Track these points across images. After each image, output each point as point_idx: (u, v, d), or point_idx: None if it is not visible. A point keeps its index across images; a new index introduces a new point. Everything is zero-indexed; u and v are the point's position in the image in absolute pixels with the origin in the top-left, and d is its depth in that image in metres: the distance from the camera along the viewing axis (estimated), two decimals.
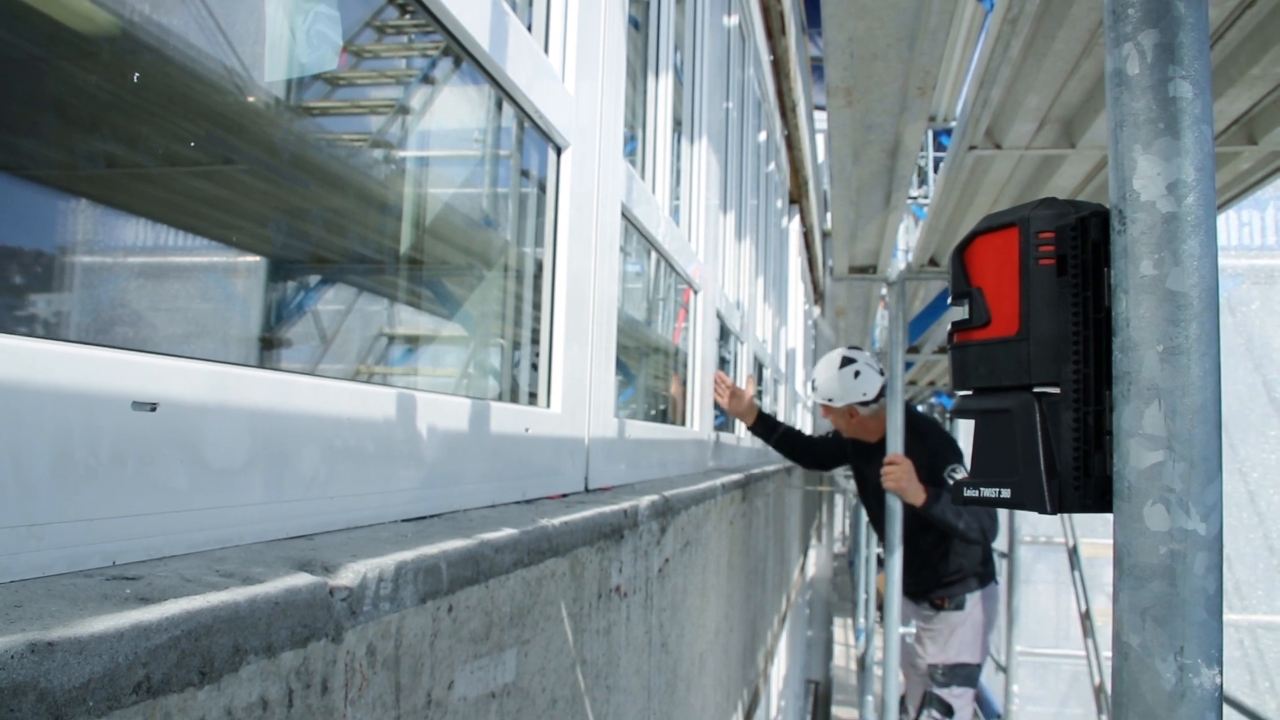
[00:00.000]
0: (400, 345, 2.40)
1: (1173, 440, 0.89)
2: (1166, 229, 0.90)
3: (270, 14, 1.57)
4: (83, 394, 0.77)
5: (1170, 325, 0.89)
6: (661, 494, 2.21)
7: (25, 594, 0.66)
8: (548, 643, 1.44)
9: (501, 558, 1.22)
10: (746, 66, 5.53)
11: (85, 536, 0.77)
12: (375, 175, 2.17)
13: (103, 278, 1.38)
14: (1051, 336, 1.02)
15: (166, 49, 1.31)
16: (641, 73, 3.40)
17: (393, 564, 0.94)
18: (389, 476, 1.25)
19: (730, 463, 4.72)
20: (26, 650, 0.55)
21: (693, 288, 3.93)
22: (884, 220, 5.73)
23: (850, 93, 3.64)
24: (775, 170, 7.62)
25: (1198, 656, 0.89)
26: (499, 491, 1.62)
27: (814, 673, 13.32)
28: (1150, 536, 0.91)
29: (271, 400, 1.01)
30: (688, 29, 3.94)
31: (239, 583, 0.75)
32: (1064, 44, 3.52)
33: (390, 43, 2.38)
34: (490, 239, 2.50)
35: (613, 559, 1.80)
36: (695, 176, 3.96)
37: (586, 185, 2.12)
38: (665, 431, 3.19)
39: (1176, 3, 0.90)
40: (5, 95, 1.10)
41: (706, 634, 3.07)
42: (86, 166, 1.26)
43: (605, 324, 2.27)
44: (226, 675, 0.70)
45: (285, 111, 1.76)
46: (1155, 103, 0.91)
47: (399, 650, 0.96)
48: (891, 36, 3.28)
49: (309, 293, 1.98)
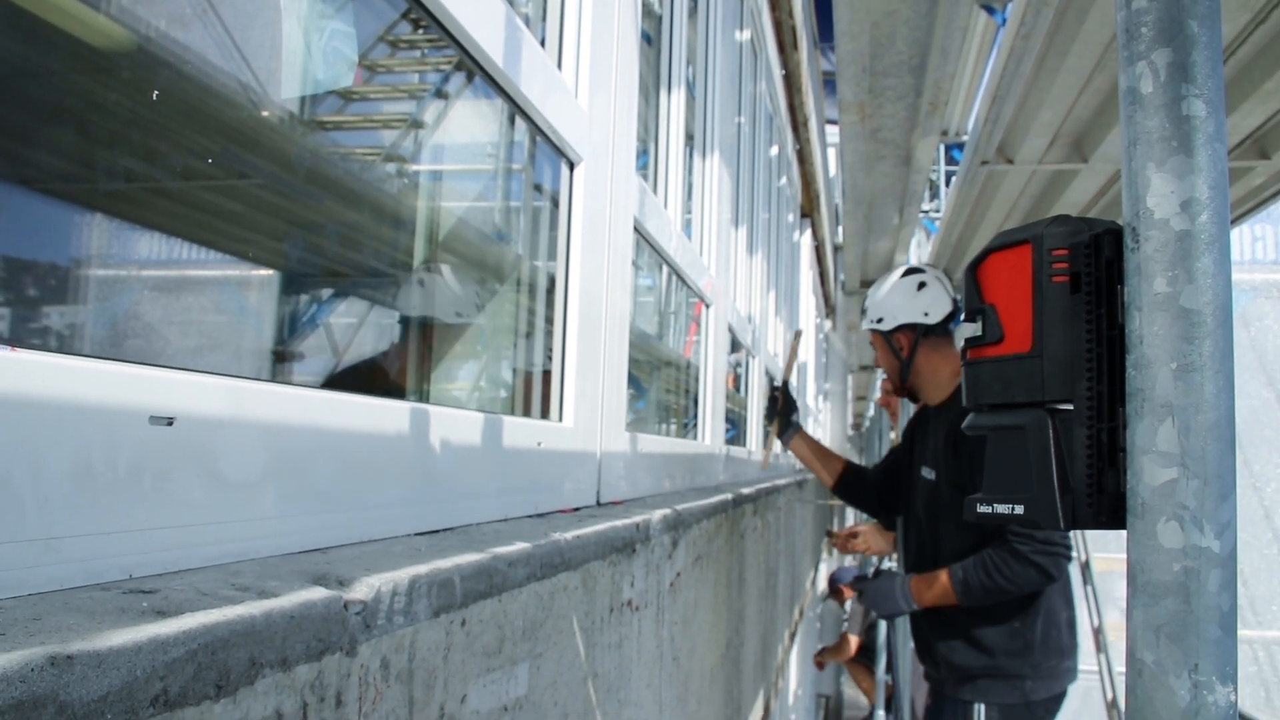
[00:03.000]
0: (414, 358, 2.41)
1: (1186, 457, 0.89)
2: (1180, 247, 0.90)
3: (287, 31, 1.59)
4: (101, 408, 0.77)
5: (1184, 343, 0.90)
6: (674, 508, 2.21)
7: (44, 607, 0.66)
8: (560, 656, 1.44)
9: (514, 572, 1.23)
10: (758, 81, 5.54)
11: (103, 550, 0.77)
12: (388, 189, 2.18)
13: (118, 291, 1.39)
14: (1065, 353, 1.02)
15: (183, 65, 1.32)
16: (654, 87, 3.42)
17: (406, 578, 0.94)
18: (402, 490, 1.26)
19: (742, 476, 4.71)
20: (46, 663, 0.55)
21: (704, 301, 3.93)
22: (896, 235, 5.74)
23: (862, 108, 3.65)
24: (787, 184, 7.62)
25: (1212, 674, 0.89)
26: (511, 505, 1.62)
27: (825, 687, 13.25)
28: (1164, 554, 0.91)
29: (286, 414, 1.02)
30: (700, 44, 3.95)
31: (254, 596, 0.76)
32: (1076, 59, 3.53)
33: (404, 57, 2.39)
34: (503, 253, 2.51)
35: (625, 573, 1.80)
36: (707, 191, 3.96)
37: (599, 200, 2.13)
38: (677, 445, 3.19)
39: (1189, 22, 0.91)
40: (24, 110, 1.11)
41: (718, 648, 3.06)
42: (104, 181, 1.27)
43: (617, 338, 2.28)
44: (242, 689, 0.71)
45: (300, 126, 1.77)
46: (1168, 121, 0.91)
47: (413, 664, 0.97)
48: (904, 53, 3.30)
49: (322, 306, 1.99)
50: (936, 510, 3.23)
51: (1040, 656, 3.14)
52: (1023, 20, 3.34)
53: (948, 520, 3.17)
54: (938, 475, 3.21)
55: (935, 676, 3.40)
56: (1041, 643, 3.14)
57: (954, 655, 3.22)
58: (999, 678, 3.16)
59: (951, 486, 3.14)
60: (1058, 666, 3.21)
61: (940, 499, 3.20)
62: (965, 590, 3.00)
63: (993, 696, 3.17)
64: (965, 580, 3.00)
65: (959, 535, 3.12)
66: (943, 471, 3.19)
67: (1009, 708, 3.16)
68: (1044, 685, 3.17)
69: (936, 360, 3.29)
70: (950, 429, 3.14)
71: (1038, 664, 3.15)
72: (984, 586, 2.96)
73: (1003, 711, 3.16)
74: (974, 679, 3.20)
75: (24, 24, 1.07)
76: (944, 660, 3.27)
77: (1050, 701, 3.23)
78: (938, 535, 3.22)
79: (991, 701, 3.17)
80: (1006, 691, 3.16)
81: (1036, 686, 3.16)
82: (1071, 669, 3.31)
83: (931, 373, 3.31)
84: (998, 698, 3.16)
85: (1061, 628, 3.24)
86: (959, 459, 3.09)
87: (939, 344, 3.30)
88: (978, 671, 3.18)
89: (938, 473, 3.21)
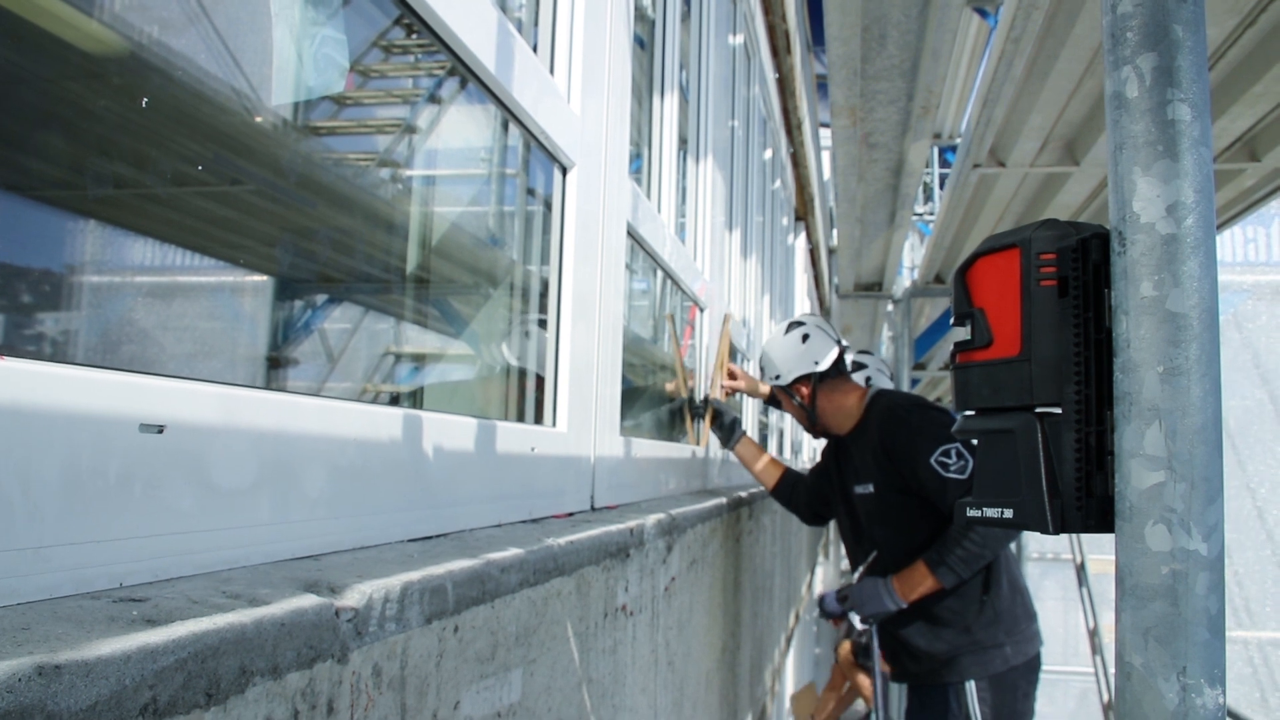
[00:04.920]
0: (406, 364, 2.41)
1: (1174, 460, 0.90)
2: (1166, 251, 0.91)
3: (278, 37, 1.59)
4: (91, 416, 0.77)
5: (1171, 346, 0.90)
6: (668, 512, 2.21)
7: (32, 616, 0.67)
8: (554, 662, 1.44)
9: (507, 578, 1.23)
10: (752, 84, 5.55)
11: (93, 558, 0.77)
12: (381, 194, 2.18)
13: (110, 297, 1.39)
14: (1053, 357, 1.02)
15: (175, 71, 1.32)
16: (647, 91, 3.42)
17: (399, 585, 0.94)
18: (395, 496, 1.26)
19: (737, 480, 4.71)
20: (34, 673, 0.55)
21: (698, 305, 3.94)
22: (889, 238, 5.76)
23: (854, 112, 3.66)
24: (781, 187, 7.63)
25: (1200, 676, 0.89)
26: (505, 511, 1.62)
27: None
28: (1152, 557, 0.91)
29: (278, 421, 1.02)
30: (693, 47, 3.96)
31: (245, 604, 0.76)
32: (1067, 63, 3.54)
33: (397, 62, 2.39)
34: (496, 258, 2.51)
35: (619, 578, 1.80)
36: (701, 194, 3.97)
37: (592, 204, 2.13)
38: (671, 449, 3.19)
39: (1175, 26, 0.91)
40: (15, 116, 1.11)
41: (713, 652, 3.07)
42: (96, 187, 1.27)
43: (611, 342, 2.28)
44: (233, 697, 0.71)
45: (292, 132, 1.77)
46: (1154, 125, 0.92)
47: (405, 671, 0.97)
48: (895, 56, 3.30)
49: (315, 311, 1.99)
50: (884, 517, 3.35)
51: (1011, 622, 3.30)
52: (1013, 24, 3.36)
53: (897, 522, 3.31)
54: (876, 487, 3.35)
55: (914, 671, 3.48)
56: (1009, 609, 3.30)
57: (934, 644, 3.32)
58: (980, 651, 3.28)
59: (893, 491, 3.29)
60: (1028, 629, 3.38)
61: (886, 505, 3.33)
62: (945, 569, 3.09)
63: (979, 671, 3.28)
64: (942, 560, 3.09)
65: (913, 533, 3.25)
66: (880, 482, 3.32)
67: (997, 677, 3.27)
68: (1021, 650, 3.32)
69: (837, 398, 3.47)
70: (874, 445, 3.31)
71: (1011, 629, 3.30)
72: (961, 559, 3.07)
73: (992, 683, 3.28)
74: (956, 659, 3.31)
75: (16, 29, 1.07)
76: (923, 652, 3.36)
77: (1029, 665, 3.37)
78: (892, 539, 3.33)
79: (980, 676, 3.28)
80: (990, 662, 3.28)
81: (1015, 652, 3.31)
82: (1039, 632, 3.47)
83: (835, 410, 3.48)
84: (984, 671, 3.28)
85: (1022, 592, 3.41)
86: (892, 463, 3.23)
87: (836, 385, 3.47)
88: (959, 650, 3.29)
89: (875, 484, 3.35)
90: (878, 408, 3.39)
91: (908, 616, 3.30)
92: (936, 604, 3.26)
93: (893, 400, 3.42)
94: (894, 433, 3.23)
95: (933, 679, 3.39)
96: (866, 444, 3.36)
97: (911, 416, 3.24)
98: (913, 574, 3.17)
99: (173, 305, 1.60)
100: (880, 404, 3.41)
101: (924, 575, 3.13)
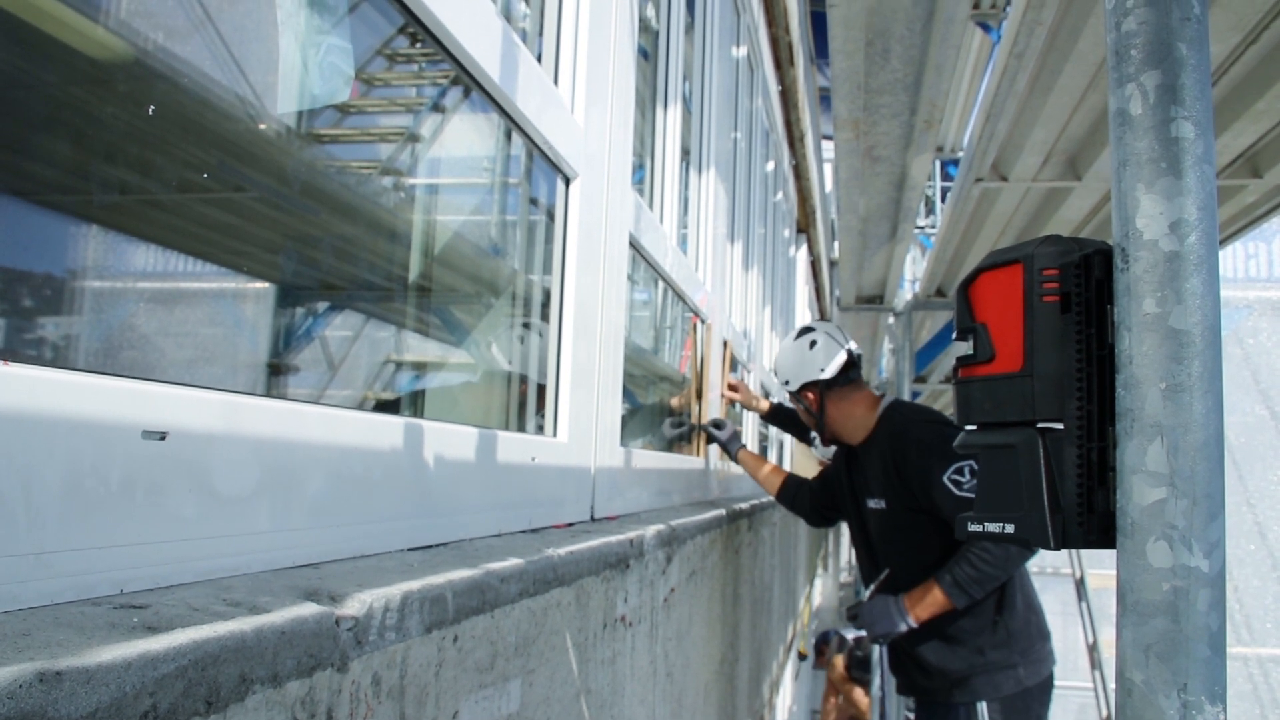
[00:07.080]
0: (408, 372, 2.41)
1: (1175, 477, 0.90)
2: (1169, 267, 0.91)
3: (284, 45, 1.59)
4: (93, 423, 0.77)
5: (1173, 363, 0.90)
6: (668, 523, 2.21)
7: (34, 622, 0.66)
8: (553, 673, 1.44)
9: (507, 587, 1.23)
10: (755, 97, 5.56)
11: (94, 565, 0.77)
12: (384, 203, 2.18)
13: (113, 303, 1.39)
14: (1055, 373, 1.02)
15: (181, 78, 1.33)
16: (650, 102, 3.43)
17: (399, 594, 0.94)
18: (395, 505, 1.26)
19: (736, 492, 4.71)
20: (35, 679, 0.55)
21: (700, 317, 3.94)
22: (891, 251, 5.75)
23: (857, 125, 3.67)
24: (783, 199, 7.64)
25: (1201, 693, 0.89)
26: (505, 520, 1.62)
27: (819, 703, 13.21)
28: (1153, 573, 0.91)
29: (279, 429, 1.02)
30: (696, 59, 3.97)
31: (246, 612, 0.76)
32: (1069, 78, 3.54)
33: (401, 70, 2.40)
34: (498, 267, 2.51)
35: (618, 588, 1.80)
36: (703, 206, 3.97)
37: (594, 214, 2.13)
38: (671, 460, 3.19)
39: (1178, 44, 0.91)
40: (20, 121, 1.11)
41: (712, 664, 3.06)
42: (100, 193, 1.27)
43: (612, 353, 2.28)
44: (233, 705, 0.71)
45: (296, 139, 1.77)
46: (1158, 143, 0.92)
47: (404, 680, 0.96)
48: (899, 70, 3.31)
49: (317, 319, 1.99)
50: (897, 535, 3.31)
51: (1025, 642, 3.22)
52: (1016, 39, 3.36)
53: (910, 540, 3.27)
54: (889, 503, 3.30)
55: (924, 685, 3.43)
56: (1023, 629, 3.23)
57: (945, 661, 3.28)
58: (992, 672, 3.22)
59: (906, 509, 3.22)
60: (1042, 649, 3.30)
61: (898, 522, 3.28)
62: (957, 590, 3.04)
63: (991, 692, 3.21)
64: (955, 581, 3.04)
65: (926, 551, 3.20)
66: (892, 499, 3.27)
67: (1009, 699, 3.21)
68: (1034, 670, 3.25)
69: (846, 407, 3.43)
70: (886, 459, 3.25)
71: (1025, 650, 3.23)
72: (974, 579, 3.02)
73: (1004, 704, 3.21)
74: (968, 679, 3.24)
75: (21, 35, 1.08)
76: (934, 668, 3.31)
77: (1042, 686, 3.30)
78: (905, 556, 3.29)
79: (992, 697, 3.21)
80: (1003, 684, 3.21)
81: (1028, 673, 3.23)
82: (1052, 652, 3.39)
83: (845, 418, 3.44)
84: (996, 692, 3.21)
85: (1037, 612, 3.35)
86: (904, 482, 3.19)
87: (844, 393, 3.43)
88: (971, 671, 3.24)
89: (888, 500, 3.30)
90: (890, 421, 3.34)
91: (919, 634, 3.24)
92: (949, 623, 3.20)
93: (905, 414, 3.37)
94: (905, 451, 3.18)
95: (944, 697, 3.34)
96: (878, 458, 3.31)
97: (924, 434, 3.17)
98: (924, 593, 3.12)
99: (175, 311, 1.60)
100: (893, 418, 3.35)
101: (936, 595, 3.08)
